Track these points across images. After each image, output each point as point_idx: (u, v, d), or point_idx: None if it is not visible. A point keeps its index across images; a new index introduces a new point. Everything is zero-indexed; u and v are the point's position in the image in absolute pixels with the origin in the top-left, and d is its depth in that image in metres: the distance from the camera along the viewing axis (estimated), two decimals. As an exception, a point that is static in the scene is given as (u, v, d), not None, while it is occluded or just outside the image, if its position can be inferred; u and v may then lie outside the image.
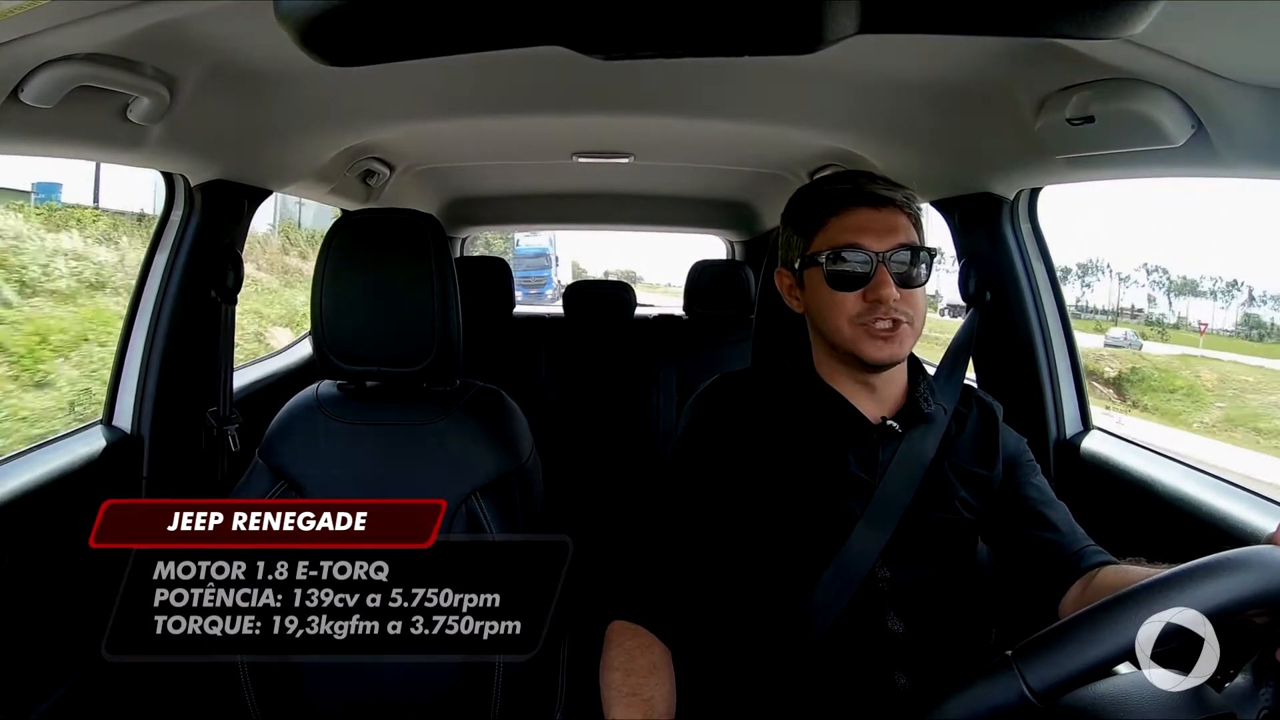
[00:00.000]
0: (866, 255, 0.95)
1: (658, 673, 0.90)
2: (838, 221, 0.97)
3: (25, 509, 1.20)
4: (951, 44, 1.15)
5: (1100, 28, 0.54)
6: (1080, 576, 0.95)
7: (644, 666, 0.90)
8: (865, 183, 0.98)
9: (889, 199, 0.97)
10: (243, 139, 1.47)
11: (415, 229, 1.25)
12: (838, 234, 0.96)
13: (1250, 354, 10.19)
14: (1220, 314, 11.41)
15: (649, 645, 0.92)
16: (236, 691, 1.17)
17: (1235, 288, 11.77)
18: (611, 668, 0.90)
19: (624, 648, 0.92)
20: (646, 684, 0.88)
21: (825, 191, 1.00)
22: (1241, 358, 11.32)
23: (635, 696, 0.87)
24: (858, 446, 0.99)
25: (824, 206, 0.99)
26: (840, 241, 0.96)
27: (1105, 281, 16.65)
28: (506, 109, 1.60)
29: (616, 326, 2.87)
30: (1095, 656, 0.63)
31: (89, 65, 0.98)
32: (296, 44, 0.56)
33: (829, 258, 0.96)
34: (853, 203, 0.97)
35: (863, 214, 0.96)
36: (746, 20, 0.53)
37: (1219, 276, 11.55)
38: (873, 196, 0.97)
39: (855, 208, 0.97)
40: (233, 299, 1.61)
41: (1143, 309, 15.95)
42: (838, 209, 0.97)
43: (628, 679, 0.88)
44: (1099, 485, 1.38)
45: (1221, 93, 0.93)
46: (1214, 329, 12.30)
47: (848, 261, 0.95)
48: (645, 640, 0.92)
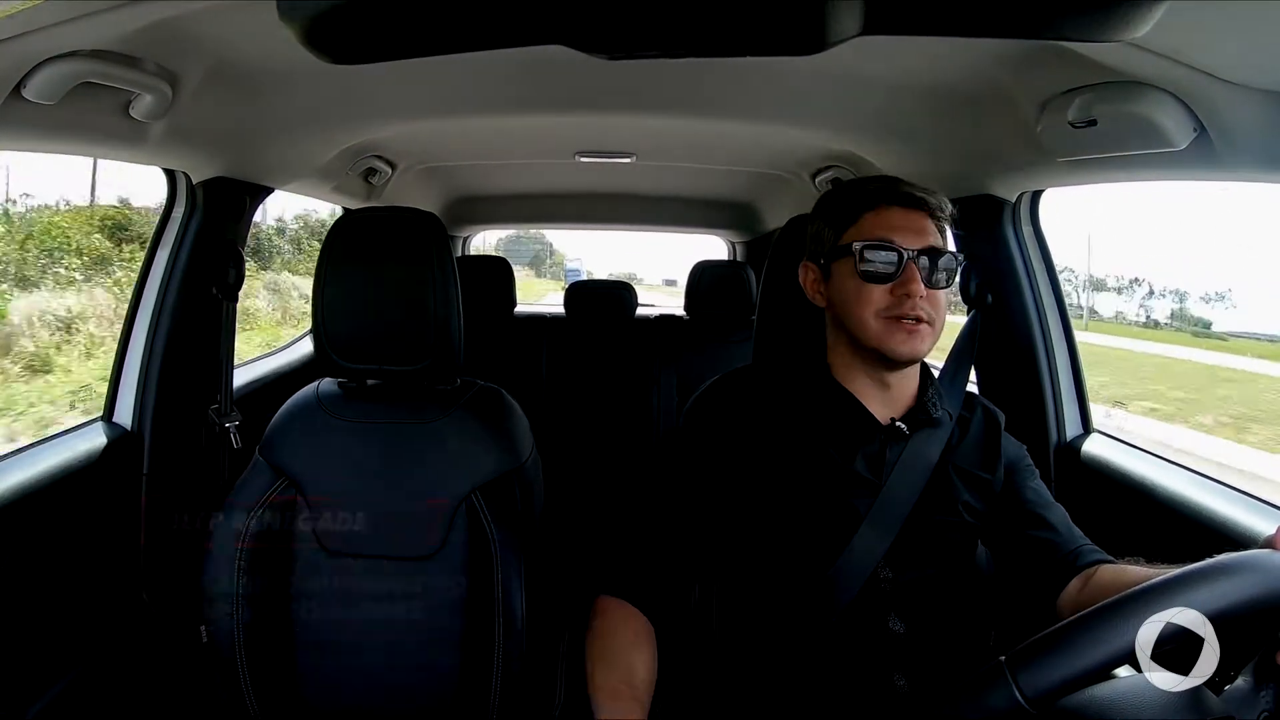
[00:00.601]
0: (898, 251, 0.97)
1: (639, 642, 0.94)
2: (873, 217, 0.99)
3: (26, 505, 1.20)
4: (954, 46, 1.15)
5: (1103, 30, 0.54)
6: (1077, 574, 0.96)
7: (626, 635, 0.94)
8: (901, 185, 1.00)
9: (922, 201, 0.99)
10: (244, 136, 1.47)
11: (417, 227, 1.25)
12: (871, 228, 0.99)
13: (1145, 340, 11.03)
14: (1124, 305, 12.61)
15: (632, 617, 0.96)
16: (235, 690, 1.17)
17: (1136, 284, 12.85)
18: (596, 635, 0.94)
19: (609, 619, 0.95)
20: (628, 651, 0.92)
21: (862, 188, 1.03)
22: (1131, 343, 12.07)
23: (616, 662, 0.90)
24: (866, 446, 0.99)
25: (860, 201, 1.01)
26: (874, 235, 0.98)
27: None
28: (509, 108, 1.60)
29: (617, 326, 2.87)
30: (1088, 663, 0.63)
31: (91, 62, 0.98)
32: (299, 42, 0.56)
33: (861, 250, 0.98)
34: (888, 201, 0.99)
35: (896, 213, 0.99)
36: (750, 21, 0.53)
37: (1122, 275, 12.69)
38: (907, 197, 0.99)
39: (890, 206, 0.99)
40: (234, 296, 1.61)
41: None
42: (874, 205, 1.00)
43: (610, 645, 0.92)
44: (1100, 488, 1.38)
45: (1224, 96, 0.93)
46: (1122, 319, 13.37)
47: (879, 255, 0.97)
48: (629, 612, 0.96)
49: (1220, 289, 13.83)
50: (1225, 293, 13.61)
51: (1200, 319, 13.46)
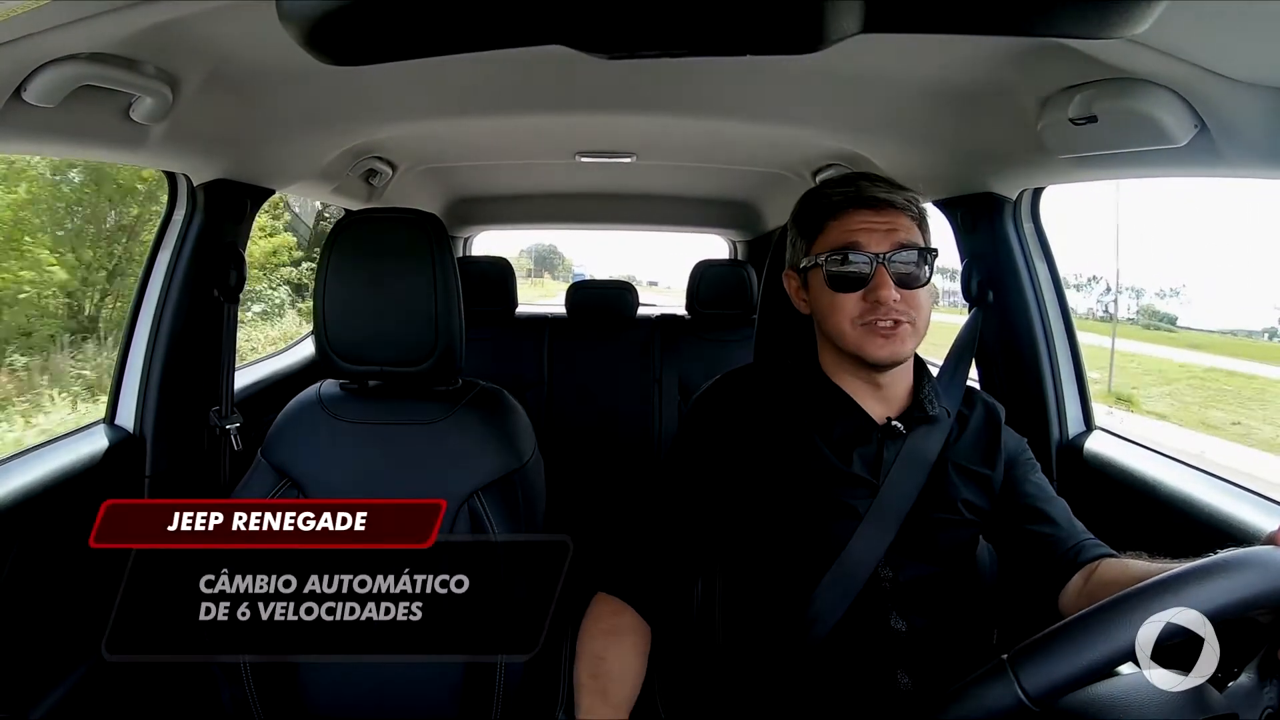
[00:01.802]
0: (866, 257, 0.95)
1: (628, 642, 0.94)
2: (837, 224, 0.98)
3: (28, 509, 1.20)
4: (954, 44, 1.15)
5: (1103, 27, 0.54)
6: (1079, 569, 0.96)
7: (615, 635, 0.94)
8: (865, 185, 0.98)
9: (888, 201, 0.97)
10: (245, 138, 1.48)
11: (418, 228, 1.25)
12: (837, 236, 0.97)
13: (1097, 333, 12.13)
14: (1082, 301, 13.64)
15: (622, 614, 0.96)
16: (240, 695, 1.17)
17: (1095, 281, 13.70)
18: (586, 634, 0.94)
19: (599, 616, 0.96)
20: (614, 650, 0.92)
21: (825, 195, 1.01)
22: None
23: (601, 662, 0.91)
24: (863, 446, 0.99)
25: (824, 210, 1.00)
26: (839, 243, 0.97)
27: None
28: (509, 108, 1.60)
29: (618, 326, 2.87)
30: (1091, 661, 0.63)
31: (91, 65, 0.98)
32: (299, 44, 0.56)
33: (829, 260, 0.97)
34: (852, 205, 0.98)
35: (862, 216, 0.97)
36: (749, 20, 0.53)
37: (1080, 273, 13.67)
38: (872, 199, 0.97)
39: (854, 210, 0.98)
40: (235, 298, 1.61)
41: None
42: (837, 212, 0.98)
43: (595, 644, 0.93)
44: (1102, 485, 1.38)
45: (1224, 92, 0.93)
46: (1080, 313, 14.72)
47: (847, 263, 0.96)
48: (622, 611, 0.96)
49: (1175, 285, 15.01)
50: (1180, 288, 14.71)
51: (1161, 313, 14.61)
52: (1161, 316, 13.99)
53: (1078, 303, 14.68)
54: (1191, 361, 11.73)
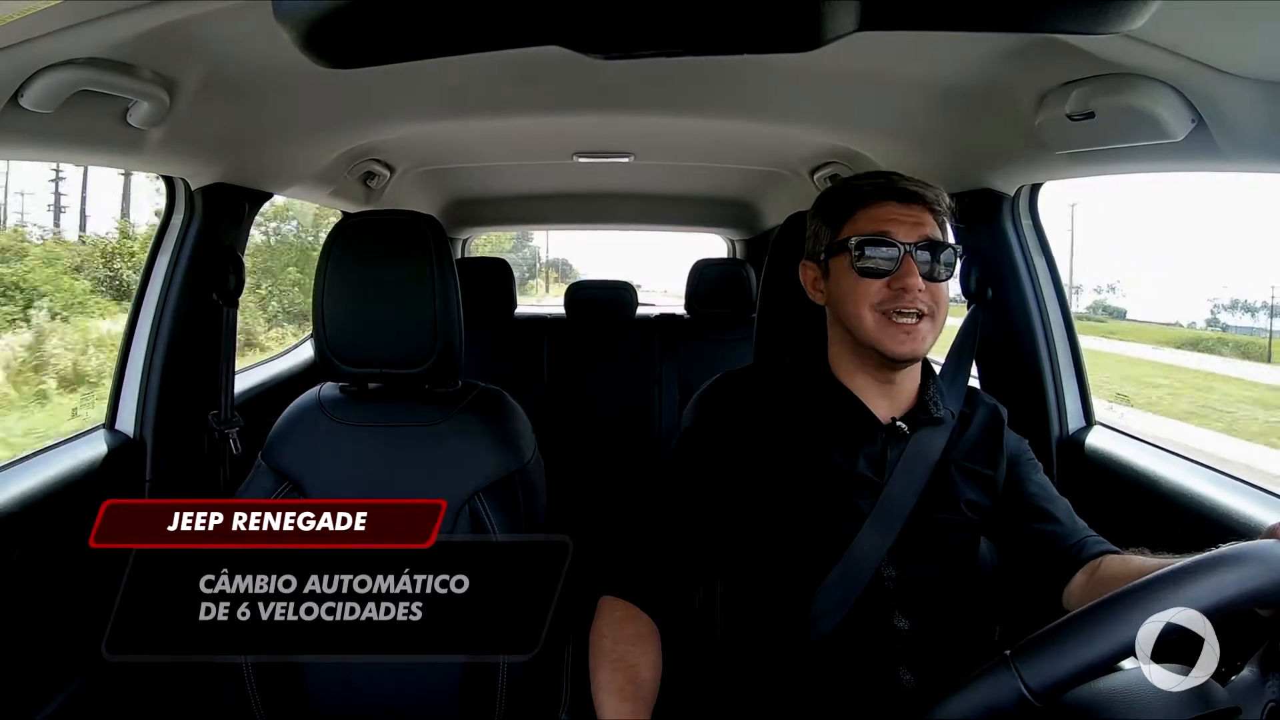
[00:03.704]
0: (894, 245, 0.97)
1: (643, 642, 0.93)
2: (867, 213, 0.99)
3: (29, 513, 1.20)
4: (951, 41, 1.15)
5: (1100, 23, 0.54)
6: (1083, 566, 0.96)
7: (630, 636, 0.93)
8: (896, 179, 1.00)
9: (918, 195, 0.99)
10: (243, 142, 1.47)
11: (416, 230, 1.25)
12: (867, 223, 0.99)
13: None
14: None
15: (636, 617, 0.95)
16: (241, 696, 1.17)
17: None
18: (600, 635, 0.93)
19: (613, 619, 0.95)
20: (632, 652, 0.91)
21: (856, 186, 1.03)
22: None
23: (621, 662, 0.90)
24: (867, 445, 0.99)
25: (855, 198, 1.01)
26: (869, 230, 0.98)
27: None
28: (507, 109, 1.60)
29: (618, 326, 2.87)
30: (1093, 656, 0.63)
31: (88, 70, 0.98)
32: (296, 46, 0.56)
33: (857, 245, 0.98)
34: (883, 196, 0.99)
35: (891, 207, 0.98)
36: (745, 18, 0.53)
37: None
38: (902, 192, 0.99)
39: (886, 201, 0.99)
40: (234, 302, 1.61)
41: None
42: (868, 201, 1.00)
43: (615, 646, 0.92)
44: (1103, 480, 1.38)
45: (1221, 87, 0.93)
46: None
47: (875, 249, 0.97)
48: (633, 613, 0.95)
49: (1111, 281, 15.97)
50: (1115, 284, 15.63)
51: (1110, 308, 15.44)
52: (1112, 311, 14.50)
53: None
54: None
